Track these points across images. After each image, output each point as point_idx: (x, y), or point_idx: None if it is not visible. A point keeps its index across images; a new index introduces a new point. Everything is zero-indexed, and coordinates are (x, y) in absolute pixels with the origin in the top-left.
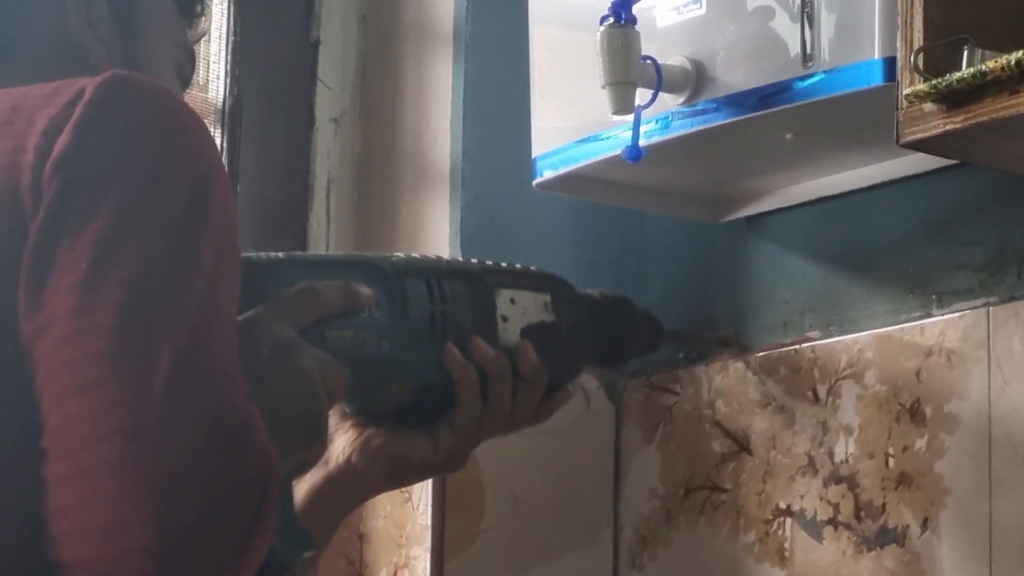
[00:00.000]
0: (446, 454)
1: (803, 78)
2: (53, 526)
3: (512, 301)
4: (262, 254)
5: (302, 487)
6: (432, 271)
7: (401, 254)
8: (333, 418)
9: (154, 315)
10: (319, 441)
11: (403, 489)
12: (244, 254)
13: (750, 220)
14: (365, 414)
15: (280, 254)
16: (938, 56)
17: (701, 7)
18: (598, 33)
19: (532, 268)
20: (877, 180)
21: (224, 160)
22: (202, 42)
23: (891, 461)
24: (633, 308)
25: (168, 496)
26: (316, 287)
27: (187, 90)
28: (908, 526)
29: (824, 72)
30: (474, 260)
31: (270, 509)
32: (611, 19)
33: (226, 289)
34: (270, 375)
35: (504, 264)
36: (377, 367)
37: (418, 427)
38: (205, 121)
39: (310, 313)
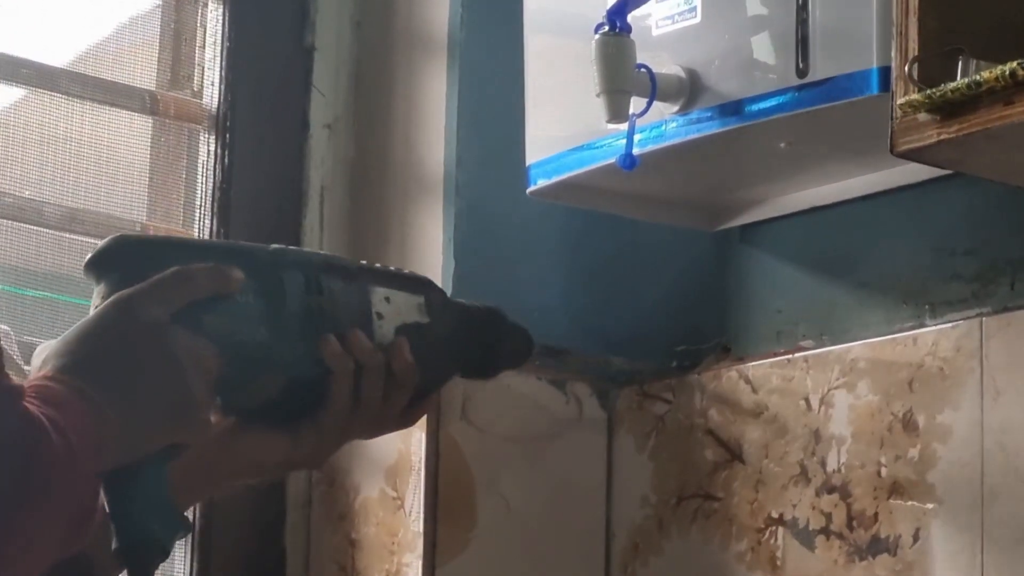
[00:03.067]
0: (305, 453)
1: (797, 87)
2: None
3: (387, 300)
4: (140, 234)
5: None
6: (309, 264)
7: (279, 245)
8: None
9: None
10: (191, 425)
11: (395, 496)
12: (123, 232)
13: (744, 229)
14: (230, 408)
15: (159, 236)
16: (933, 66)
17: (696, 16)
18: (593, 41)
19: (406, 270)
20: (871, 190)
21: (218, 166)
22: (196, 48)
23: (883, 471)
24: (504, 319)
25: None
26: (189, 269)
27: (180, 95)
28: (900, 536)
29: (819, 82)
30: (348, 258)
31: (47, 480)
32: (606, 27)
33: None
34: (140, 355)
35: (378, 264)
36: (251, 355)
37: (279, 426)
38: (198, 126)
39: (183, 295)
